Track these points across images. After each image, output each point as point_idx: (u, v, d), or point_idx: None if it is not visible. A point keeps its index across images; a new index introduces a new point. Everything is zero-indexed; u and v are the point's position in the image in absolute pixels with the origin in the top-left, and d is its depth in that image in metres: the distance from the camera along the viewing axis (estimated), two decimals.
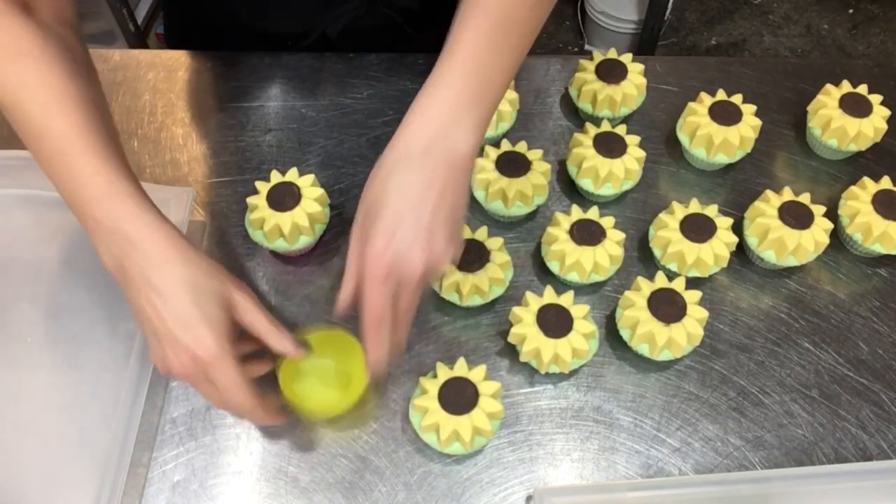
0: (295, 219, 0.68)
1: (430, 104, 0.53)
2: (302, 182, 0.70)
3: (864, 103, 0.76)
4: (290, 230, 0.68)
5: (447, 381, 0.61)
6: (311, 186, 0.70)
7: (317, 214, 0.69)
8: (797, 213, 0.70)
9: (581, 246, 0.68)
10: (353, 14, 0.82)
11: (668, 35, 2.15)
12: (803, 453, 0.65)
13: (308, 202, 0.69)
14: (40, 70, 0.54)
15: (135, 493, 0.62)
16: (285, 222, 0.68)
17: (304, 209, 0.68)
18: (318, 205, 0.70)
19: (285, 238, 0.68)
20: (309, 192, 0.69)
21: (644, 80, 0.79)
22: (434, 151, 0.52)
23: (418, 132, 0.53)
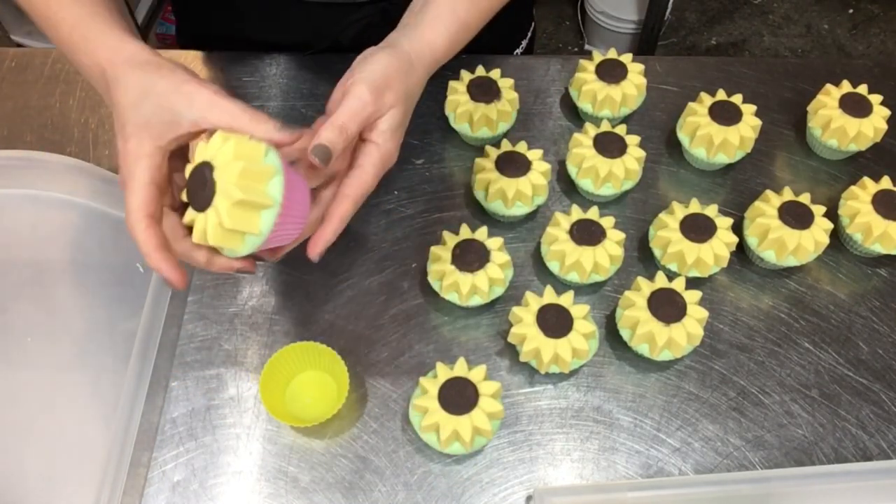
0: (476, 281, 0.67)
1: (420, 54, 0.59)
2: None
3: (864, 103, 0.76)
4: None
5: (447, 381, 0.61)
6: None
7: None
8: (797, 213, 0.70)
9: (581, 246, 0.68)
10: (367, 21, 0.82)
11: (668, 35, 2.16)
12: (803, 453, 0.65)
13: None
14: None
15: (135, 493, 0.62)
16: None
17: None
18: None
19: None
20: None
21: (644, 80, 0.79)
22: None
23: (434, 54, 0.60)
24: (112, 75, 0.52)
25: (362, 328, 0.70)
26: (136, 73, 0.51)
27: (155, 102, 0.50)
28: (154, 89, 0.50)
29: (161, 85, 0.50)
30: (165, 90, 0.50)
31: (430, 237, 0.73)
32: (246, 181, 0.46)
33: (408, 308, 0.71)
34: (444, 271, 0.67)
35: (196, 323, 0.70)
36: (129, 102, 0.50)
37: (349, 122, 0.52)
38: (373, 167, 0.55)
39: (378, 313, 0.71)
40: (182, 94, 0.50)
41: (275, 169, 0.48)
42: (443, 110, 0.78)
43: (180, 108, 0.49)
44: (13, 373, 0.68)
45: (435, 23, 0.60)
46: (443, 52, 0.61)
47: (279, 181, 0.48)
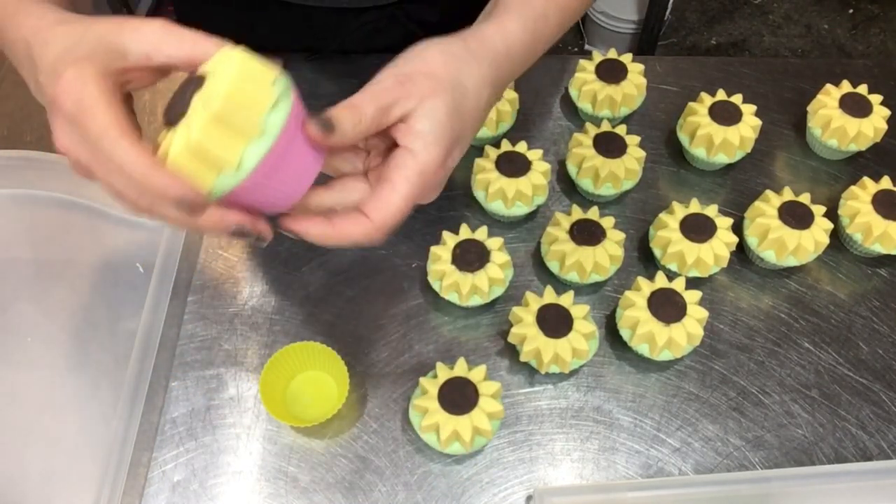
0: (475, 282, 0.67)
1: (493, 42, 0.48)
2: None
3: (864, 103, 0.76)
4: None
5: (447, 381, 0.61)
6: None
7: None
8: (797, 213, 0.70)
9: (581, 246, 0.68)
10: (373, 27, 0.82)
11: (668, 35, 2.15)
12: (803, 453, 0.65)
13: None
14: None
15: (135, 493, 0.62)
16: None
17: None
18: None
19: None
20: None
21: (644, 80, 0.79)
22: (492, 90, 0.48)
23: (506, 40, 0.48)
24: (36, 40, 0.42)
25: (362, 328, 0.70)
26: (65, 27, 0.42)
27: (94, 40, 0.40)
28: (88, 33, 0.40)
29: (96, 27, 0.41)
30: (105, 29, 0.40)
31: (430, 237, 0.73)
32: (238, 97, 0.37)
33: (408, 308, 0.71)
34: (444, 271, 0.67)
35: (196, 323, 0.70)
36: (59, 51, 0.40)
37: (363, 102, 0.42)
38: (405, 183, 0.42)
39: (378, 313, 0.71)
40: (126, 28, 0.40)
41: (280, 99, 0.38)
42: None
43: (126, 41, 0.40)
44: (13, 373, 0.68)
45: (506, 12, 0.49)
46: (519, 40, 0.49)
47: (283, 115, 0.38)
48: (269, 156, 0.38)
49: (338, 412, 0.62)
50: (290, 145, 0.39)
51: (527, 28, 0.49)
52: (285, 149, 0.39)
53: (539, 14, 0.50)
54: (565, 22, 0.55)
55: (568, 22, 0.55)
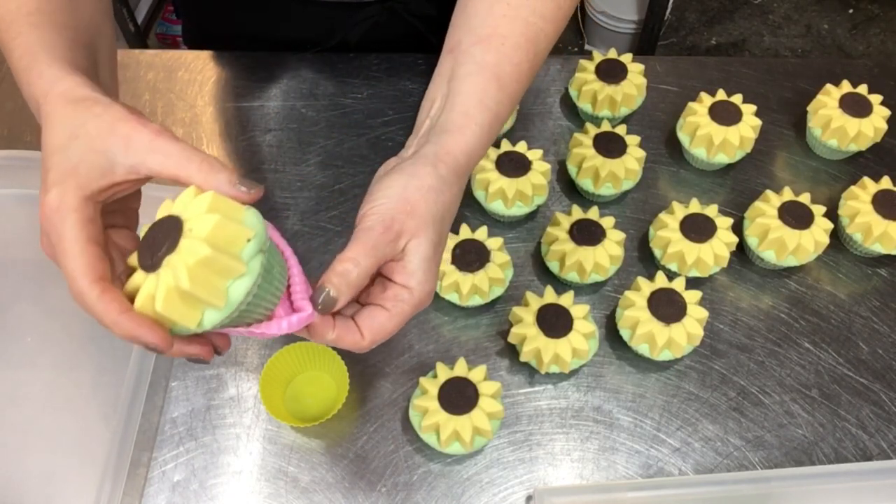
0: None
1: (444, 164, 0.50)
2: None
3: (864, 103, 0.76)
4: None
5: (447, 381, 0.61)
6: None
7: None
8: (797, 213, 0.70)
9: (581, 246, 0.68)
10: (373, 21, 0.82)
11: (668, 35, 2.15)
12: (803, 453, 0.65)
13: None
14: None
15: (135, 493, 0.62)
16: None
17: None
18: None
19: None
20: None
21: (644, 80, 0.79)
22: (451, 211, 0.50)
23: (469, 159, 0.51)
24: (45, 111, 0.44)
25: None
26: (67, 110, 0.43)
27: (84, 145, 0.42)
28: (84, 129, 0.42)
29: (93, 125, 0.42)
30: (97, 131, 0.42)
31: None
32: (220, 239, 0.38)
33: None
34: (444, 271, 0.67)
35: None
36: (56, 145, 0.43)
37: (358, 256, 0.45)
38: (400, 316, 0.46)
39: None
40: (117, 135, 0.42)
41: (254, 232, 0.40)
42: None
43: (114, 151, 0.42)
44: (13, 373, 0.68)
45: (465, 121, 0.50)
46: (478, 154, 0.51)
47: (258, 245, 0.40)
48: (251, 287, 0.40)
49: (338, 412, 0.62)
50: (268, 273, 0.41)
51: (484, 137, 0.51)
52: (265, 277, 0.41)
53: (493, 116, 0.52)
54: (511, 112, 0.57)
55: (512, 111, 0.57)
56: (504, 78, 0.52)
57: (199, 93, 0.84)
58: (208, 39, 0.91)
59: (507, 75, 0.52)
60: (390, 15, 0.82)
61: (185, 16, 0.96)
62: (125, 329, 0.40)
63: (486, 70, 0.52)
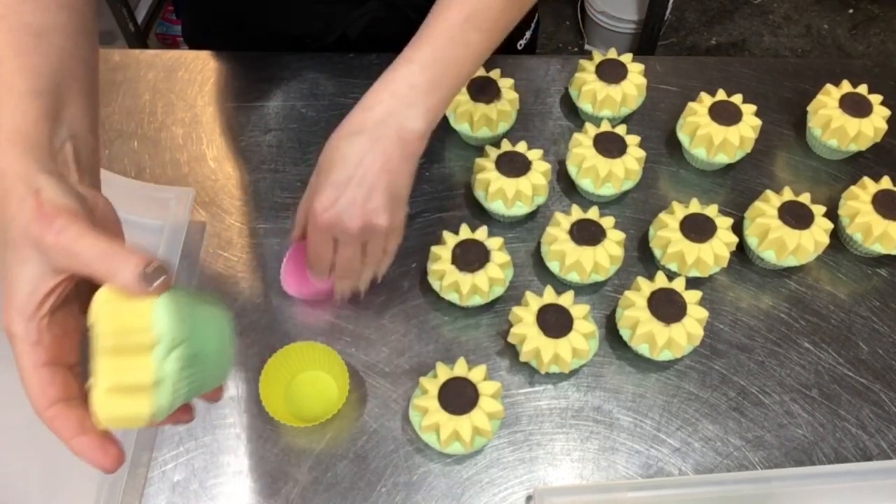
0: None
1: (392, 80, 0.57)
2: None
3: (864, 103, 0.76)
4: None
5: (447, 381, 0.61)
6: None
7: None
8: (797, 213, 0.70)
9: (581, 246, 0.68)
10: (373, 16, 0.82)
11: (668, 35, 2.15)
12: (803, 453, 0.65)
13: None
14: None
15: (135, 493, 0.62)
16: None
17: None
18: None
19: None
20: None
21: (644, 80, 0.79)
22: (387, 125, 0.56)
23: (377, 106, 0.57)
24: (5, 199, 0.41)
25: (362, 328, 0.70)
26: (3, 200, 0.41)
27: (11, 255, 0.41)
28: (8, 235, 0.41)
29: (12, 230, 0.41)
30: (15, 237, 0.40)
31: (430, 237, 0.73)
32: (118, 322, 0.39)
33: (408, 308, 0.71)
34: (444, 271, 0.67)
35: None
36: (9, 253, 0.41)
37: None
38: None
39: (378, 313, 0.70)
40: (30, 239, 0.40)
41: (159, 335, 0.39)
42: None
43: (33, 258, 0.40)
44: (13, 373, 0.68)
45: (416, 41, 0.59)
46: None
47: (168, 346, 0.39)
48: (173, 387, 0.40)
49: (338, 412, 0.62)
50: (198, 357, 0.42)
51: (437, 56, 0.57)
52: (193, 362, 0.41)
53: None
54: (491, 43, 0.61)
55: (490, 43, 0.61)
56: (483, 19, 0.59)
57: (199, 93, 0.84)
58: (207, 35, 0.90)
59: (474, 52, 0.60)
60: (389, 9, 0.82)
61: (184, 11, 0.96)
62: (75, 452, 0.42)
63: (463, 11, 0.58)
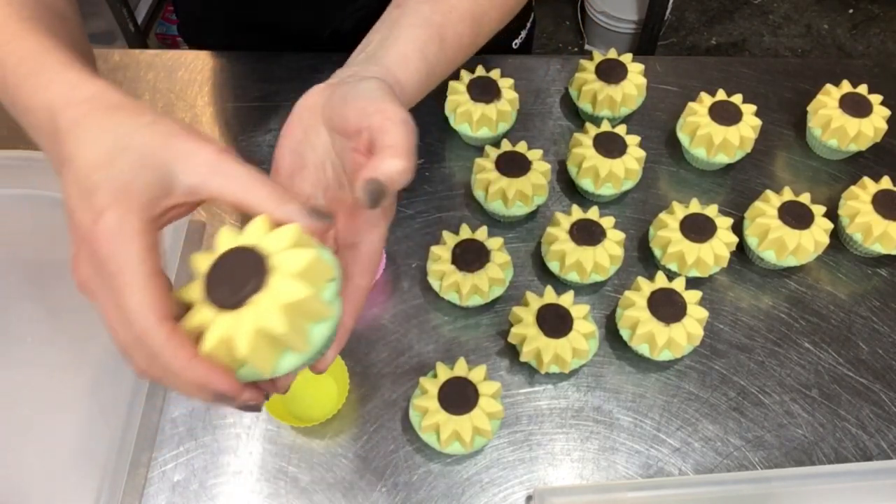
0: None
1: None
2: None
3: (864, 103, 0.76)
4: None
5: (447, 381, 0.61)
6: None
7: None
8: (797, 213, 0.70)
9: (581, 246, 0.68)
10: (366, 11, 0.82)
11: (668, 35, 2.15)
12: (803, 453, 0.65)
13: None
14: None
15: (135, 493, 0.62)
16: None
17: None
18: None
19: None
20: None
21: (644, 80, 0.79)
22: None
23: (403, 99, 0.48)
24: (67, 120, 0.37)
25: (362, 328, 0.70)
26: (105, 118, 0.37)
27: (135, 160, 0.36)
28: (132, 141, 0.36)
29: (143, 136, 0.37)
30: (150, 144, 0.37)
31: (430, 237, 0.73)
32: (311, 276, 0.35)
33: (408, 308, 0.71)
34: (444, 271, 0.67)
35: None
36: (96, 159, 0.36)
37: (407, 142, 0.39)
38: (382, 241, 0.42)
39: (378, 313, 0.71)
40: (174, 150, 0.37)
41: (336, 272, 0.37)
42: (443, 110, 0.78)
43: (173, 168, 0.36)
44: (13, 373, 0.68)
45: (402, 62, 0.47)
46: (410, 99, 0.48)
47: (338, 286, 0.37)
48: (333, 331, 0.37)
49: (338, 412, 0.62)
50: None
51: (419, 89, 0.49)
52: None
53: (430, 70, 0.50)
54: (447, 74, 0.53)
55: (447, 73, 0.54)
56: (447, 40, 0.51)
57: (199, 93, 0.84)
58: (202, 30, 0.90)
59: (450, 39, 0.51)
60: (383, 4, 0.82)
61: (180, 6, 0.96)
62: (196, 376, 0.35)
63: (431, 27, 0.50)
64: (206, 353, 0.35)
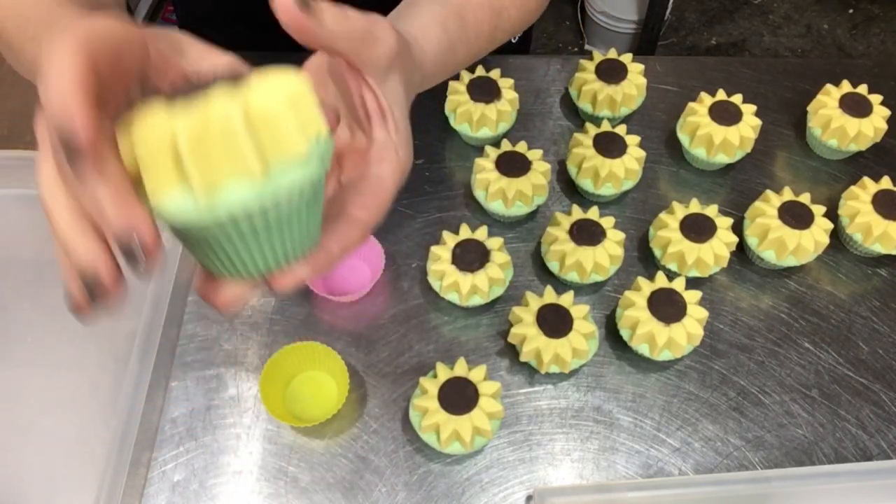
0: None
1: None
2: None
3: (864, 103, 0.76)
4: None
5: (447, 381, 0.61)
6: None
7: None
8: (797, 213, 0.70)
9: (581, 246, 0.68)
10: (362, 5, 0.82)
11: (668, 35, 2.15)
12: (803, 453, 0.65)
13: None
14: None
15: (135, 493, 0.62)
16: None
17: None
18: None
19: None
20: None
21: (644, 80, 0.79)
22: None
23: (422, 68, 0.46)
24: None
25: (362, 328, 0.70)
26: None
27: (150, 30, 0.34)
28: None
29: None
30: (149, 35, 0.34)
31: (430, 237, 0.73)
32: (295, 107, 0.31)
33: (408, 308, 0.71)
34: (444, 271, 0.67)
35: (196, 323, 0.70)
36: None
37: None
38: (392, 177, 0.38)
39: (378, 313, 0.71)
40: (171, 37, 0.36)
41: (321, 123, 0.32)
42: (443, 110, 0.78)
43: (182, 41, 0.36)
44: (13, 373, 0.68)
45: (422, 33, 0.45)
46: (430, 71, 0.46)
47: (322, 147, 0.31)
48: (307, 181, 0.30)
49: (338, 412, 0.62)
50: (311, 207, 0.32)
51: (437, 60, 0.46)
52: (308, 209, 0.32)
53: (450, 45, 0.48)
54: (468, 59, 0.52)
55: (469, 58, 0.53)
56: (467, 20, 0.49)
57: None
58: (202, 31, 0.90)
59: (470, 21, 0.50)
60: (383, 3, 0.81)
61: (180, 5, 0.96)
62: (110, 194, 0.27)
63: (451, 6, 0.49)
64: (128, 154, 0.28)
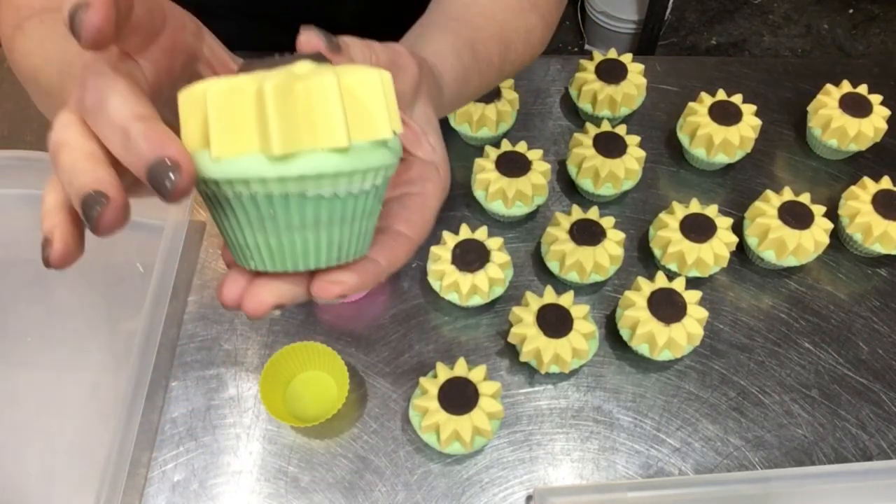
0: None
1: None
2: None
3: (864, 103, 0.76)
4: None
5: (447, 381, 0.61)
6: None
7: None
8: (797, 213, 0.70)
9: (581, 246, 0.68)
10: (360, 1, 0.81)
11: (668, 35, 2.15)
12: (803, 453, 0.65)
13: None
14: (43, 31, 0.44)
15: (135, 493, 0.62)
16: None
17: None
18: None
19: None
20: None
21: (644, 80, 0.79)
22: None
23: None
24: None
25: (362, 328, 0.70)
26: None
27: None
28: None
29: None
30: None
31: (430, 237, 0.73)
32: (371, 98, 0.29)
33: (408, 308, 0.71)
34: (444, 271, 0.67)
35: (196, 323, 0.70)
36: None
37: (376, 45, 0.36)
38: (435, 194, 0.38)
39: (378, 313, 0.71)
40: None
41: (393, 139, 0.31)
42: None
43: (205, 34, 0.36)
44: (13, 373, 0.68)
45: (440, 57, 0.45)
46: (447, 97, 0.45)
47: (389, 151, 0.30)
48: (382, 170, 0.29)
49: (338, 412, 0.62)
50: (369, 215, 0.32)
51: (452, 81, 0.46)
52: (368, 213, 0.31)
53: (463, 74, 0.47)
54: (481, 88, 0.52)
55: (483, 88, 0.53)
56: (479, 52, 0.49)
57: None
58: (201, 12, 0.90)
59: (482, 53, 0.50)
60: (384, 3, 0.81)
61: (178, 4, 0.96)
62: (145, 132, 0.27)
63: (462, 37, 0.49)
64: (190, 116, 0.27)
